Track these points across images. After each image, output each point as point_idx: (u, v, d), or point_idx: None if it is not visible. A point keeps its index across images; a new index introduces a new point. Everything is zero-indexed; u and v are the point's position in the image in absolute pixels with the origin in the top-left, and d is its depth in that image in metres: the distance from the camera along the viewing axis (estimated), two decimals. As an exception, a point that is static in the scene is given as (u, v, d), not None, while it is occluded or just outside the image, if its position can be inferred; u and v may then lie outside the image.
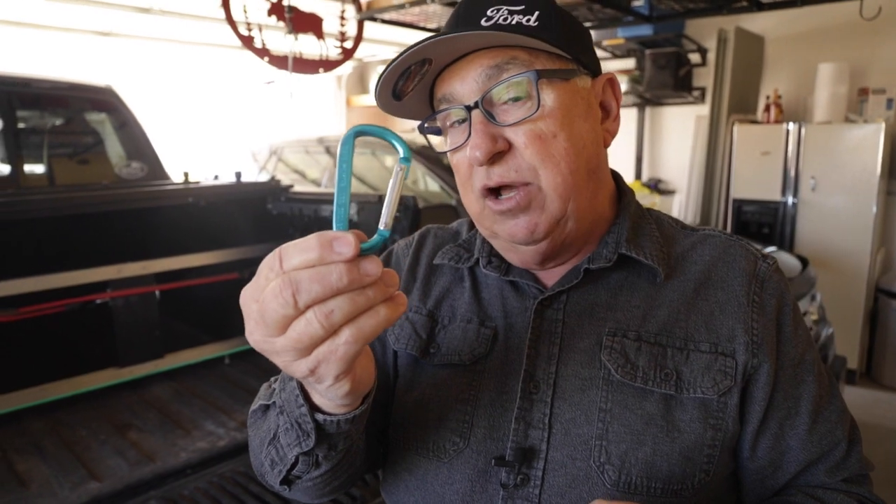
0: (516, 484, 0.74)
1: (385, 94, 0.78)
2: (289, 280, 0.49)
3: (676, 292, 0.79)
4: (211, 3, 3.79)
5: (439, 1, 3.55)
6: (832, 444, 0.79)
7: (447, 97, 0.77)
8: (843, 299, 4.28)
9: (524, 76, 0.72)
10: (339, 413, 0.63)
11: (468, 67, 0.74)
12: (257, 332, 0.52)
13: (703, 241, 0.84)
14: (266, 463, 0.74)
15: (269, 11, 3.65)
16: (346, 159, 0.54)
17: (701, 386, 0.73)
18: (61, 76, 3.53)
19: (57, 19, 5.10)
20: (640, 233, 0.83)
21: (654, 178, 5.83)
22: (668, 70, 5.19)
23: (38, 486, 1.81)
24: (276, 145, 5.13)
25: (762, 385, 0.76)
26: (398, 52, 0.73)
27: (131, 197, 2.69)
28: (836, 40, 4.71)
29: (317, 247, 0.49)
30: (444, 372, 0.82)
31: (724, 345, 0.76)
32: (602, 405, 0.74)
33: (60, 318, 2.39)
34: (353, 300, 0.50)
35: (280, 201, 3.01)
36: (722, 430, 0.74)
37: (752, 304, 0.78)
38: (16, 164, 3.25)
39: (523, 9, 0.74)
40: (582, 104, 0.77)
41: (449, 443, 0.79)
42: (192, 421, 2.22)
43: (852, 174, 4.25)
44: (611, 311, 0.79)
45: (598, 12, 3.93)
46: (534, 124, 0.73)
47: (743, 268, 0.80)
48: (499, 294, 0.85)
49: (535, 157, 0.73)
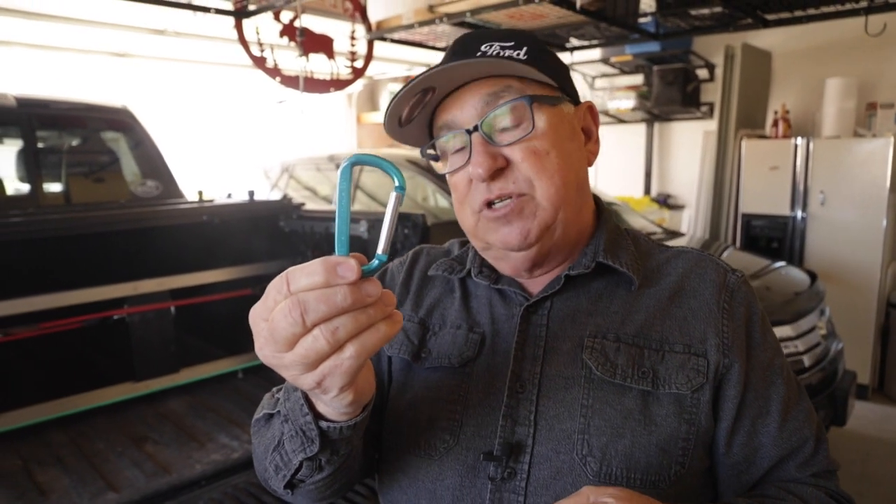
0: (503, 477, 0.78)
1: (392, 121, 0.85)
2: (297, 301, 0.54)
3: (652, 300, 0.85)
4: (224, 25, 3.87)
5: (448, 21, 3.62)
6: (801, 441, 0.84)
7: (448, 124, 0.84)
8: (853, 314, 4.26)
9: (520, 101, 0.80)
10: (341, 420, 0.68)
11: (466, 96, 0.82)
12: (267, 348, 0.57)
13: (676, 255, 0.91)
14: (270, 468, 0.78)
15: (280, 32, 3.72)
16: (345, 188, 0.59)
17: (675, 382, 0.79)
18: (79, 97, 3.62)
19: (74, 41, 5.22)
20: (616, 245, 0.89)
21: (664, 194, 5.85)
22: (676, 86, 5.23)
23: (57, 496, 1.85)
24: (287, 163, 5.20)
25: (734, 384, 0.81)
26: (405, 83, 0.80)
27: (148, 215, 2.75)
28: (843, 55, 4.73)
29: (322, 271, 0.54)
30: (435, 375, 0.88)
31: (696, 346, 0.81)
32: (584, 401, 0.79)
33: (79, 333, 2.44)
34: (356, 318, 0.55)
35: (292, 219, 3.06)
36: (695, 425, 0.79)
37: (722, 311, 0.83)
38: (35, 183, 3.33)
39: (513, 45, 0.83)
40: (568, 127, 0.85)
41: (440, 441, 0.83)
42: (206, 434, 2.26)
43: (862, 188, 4.26)
44: (591, 317, 0.85)
45: (605, 30, 3.99)
46: (529, 143, 0.80)
47: (713, 279, 0.86)
48: (487, 302, 0.91)
49: (531, 171, 0.80)
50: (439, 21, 3.64)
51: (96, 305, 2.47)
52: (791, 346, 2.83)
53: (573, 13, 3.49)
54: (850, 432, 3.71)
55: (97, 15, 4.59)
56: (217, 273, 2.82)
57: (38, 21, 4.55)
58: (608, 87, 5.96)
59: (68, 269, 2.50)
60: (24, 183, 3.35)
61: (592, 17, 3.59)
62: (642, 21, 3.94)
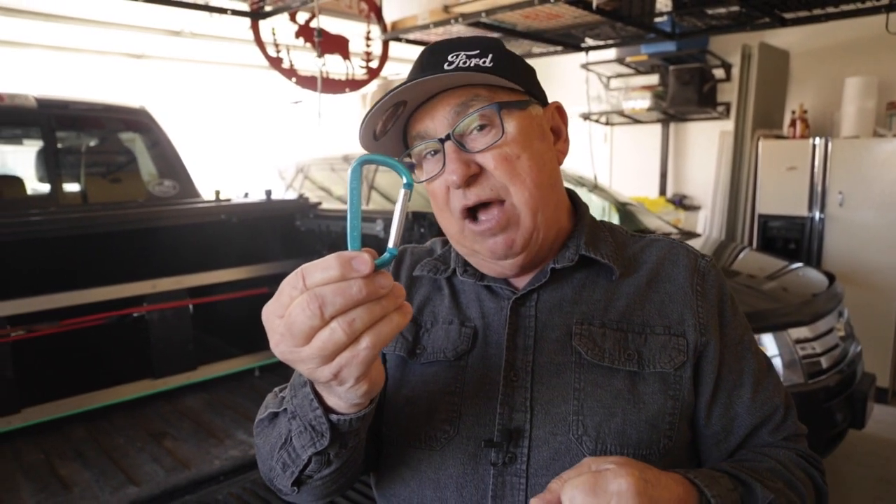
0: (505, 462, 0.81)
1: (367, 134, 0.88)
2: (314, 295, 0.56)
3: (631, 287, 0.90)
4: (240, 26, 3.90)
5: (463, 21, 3.62)
6: (772, 408, 0.91)
7: (421, 134, 0.87)
8: (873, 316, 4.22)
9: (489, 108, 0.83)
10: (351, 412, 0.69)
11: (437, 107, 0.85)
12: (283, 343, 0.59)
13: (650, 244, 0.96)
14: (277, 466, 0.80)
15: (297, 33, 3.74)
16: (356, 186, 0.61)
17: (660, 362, 0.85)
18: (97, 98, 3.66)
19: (93, 43, 5.28)
20: (596, 238, 0.94)
21: (679, 194, 5.82)
22: (692, 86, 5.20)
23: (80, 489, 1.88)
24: (302, 163, 5.22)
25: (710, 360, 0.88)
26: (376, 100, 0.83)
27: (167, 214, 2.78)
28: (863, 54, 4.68)
29: (337, 265, 0.56)
30: (431, 369, 0.90)
31: (675, 327, 0.87)
32: (576, 385, 0.84)
33: (99, 330, 2.47)
34: (370, 310, 0.57)
35: (308, 218, 3.08)
36: (679, 400, 0.85)
37: (695, 293, 0.89)
38: (55, 182, 3.37)
39: (479, 52, 0.85)
40: (537, 129, 0.88)
41: (440, 432, 0.85)
42: (224, 430, 2.28)
43: (881, 189, 4.21)
44: (576, 305, 0.89)
45: (620, 30, 3.97)
46: (500, 149, 0.83)
47: (686, 264, 0.92)
48: (475, 298, 0.94)
49: (504, 177, 0.83)
50: (454, 21, 3.64)
51: (116, 303, 2.51)
52: (808, 348, 2.80)
53: (589, 13, 3.48)
54: (868, 435, 3.66)
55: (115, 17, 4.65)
56: (234, 272, 2.84)
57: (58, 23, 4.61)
58: (623, 87, 5.94)
59: (89, 268, 2.53)
60: (43, 183, 3.39)
61: (608, 16, 3.57)
62: (658, 20, 3.91)
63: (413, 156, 0.89)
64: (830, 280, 3.34)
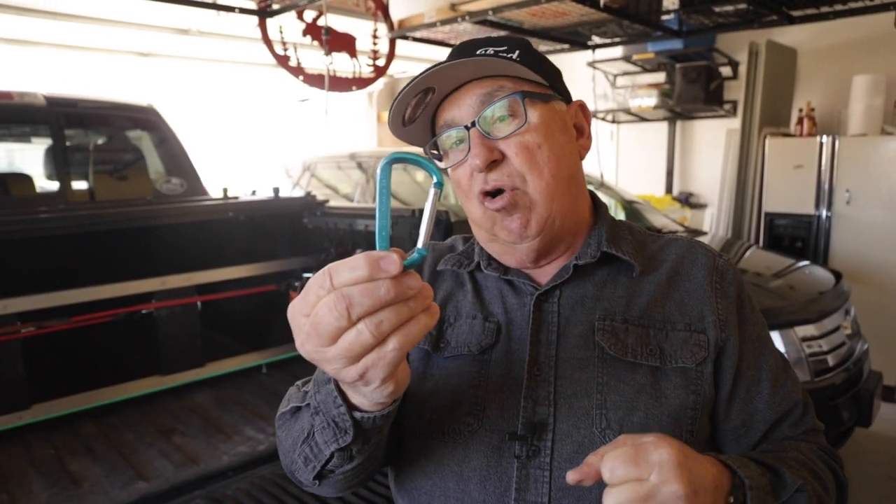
0: (529, 455, 0.82)
1: (396, 120, 0.91)
2: (342, 295, 0.55)
3: (652, 284, 0.92)
4: (247, 24, 3.92)
5: (469, 19, 3.63)
6: (791, 404, 0.93)
7: (448, 122, 0.90)
8: (880, 314, 4.20)
9: (512, 96, 0.86)
10: (374, 410, 0.69)
11: (464, 96, 0.88)
12: (309, 343, 0.58)
13: (668, 243, 0.98)
14: (299, 460, 0.80)
15: (304, 31, 3.75)
16: (385, 185, 0.60)
17: (681, 357, 0.86)
18: (105, 96, 3.68)
19: (101, 42, 5.31)
20: (617, 236, 0.96)
21: (686, 192, 5.81)
22: (699, 83, 5.19)
23: (90, 484, 1.89)
24: (309, 161, 5.23)
25: (729, 356, 0.89)
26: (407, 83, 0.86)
27: (175, 212, 2.80)
28: (870, 52, 4.66)
29: (365, 265, 0.56)
30: (455, 363, 0.91)
31: (695, 324, 0.89)
32: (599, 379, 0.85)
33: (108, 327, 2.49)
34: (398, 311, 0.56)
35: (316, 216, 3.08)
36: (701, 395, 0.86)
37: (714, 291, 0.91)
38: (64, 180, 3.39)
39: (506, 49, 0.89)
40: (559, 122, 0.91)
41: (463, 425, 0.86)
42: (232, 426, 2.30)
43: (889, 187, 4.19)
44: (598, 302, 0.91)
45: (627, 27, 3.97)
46: (521, 137, 0.86)
47: (704, 263, 0.94)
48: (498, 293, 0.95)
49: (523, 166, 0.85)
50: (461, 19, 3.64)
51: (125, 300, 2.52)
52: (815, 346, 2.80)
53: (596, 10, 3.48)
54: (875, 434, 3.66)
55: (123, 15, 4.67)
56: (242, 269, 2.85)
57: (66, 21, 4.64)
58: (630, 84, 5.93)
59: (98, 265, 2.55)
60: (52, 180, 3.42)
61: (615, 14, 3.57)
62: (665, 18, 3.90)
63: (439, 144, 0.92)
64: (837, 278, 3.33)
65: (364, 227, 2.84)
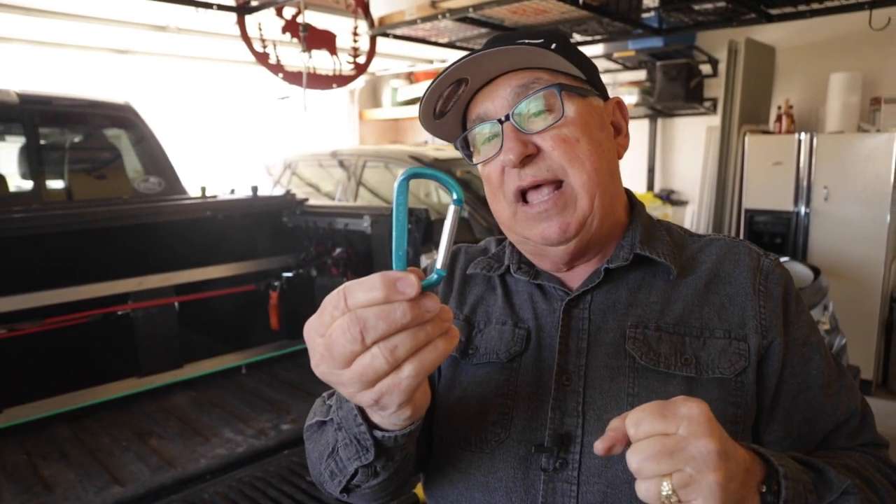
0: (556, 468, 0.79)
1: (428, 113, 0.86)
2: (356, 318, 0.53)
3: (689, 288, 0.86)
4: (226, 21, 3.87)
5: (450, 16, 3.61)
6: (847, 413, 0.86)
7: (481, 115, 0.85)
8: (857, 309, 4.26)
9: (549, 89, 0.82)
10: (395, 430, 0.67)
11: (498, 88, 0.84)
12: (323, 364, 0.56)
13: (709, 244, 0.92)
14: (325, 474, 0.79)
15: (283, 28, 3.71)
16: (402, 202, 0.57)
17: (719, 367, 0.80)
18: (81, 94, 3.62)
19: (76, 38, 5.21)
20: (652, 236, 0.90)
21: (667, 189, 5.84)
22: (679, 81, 5.21)
23: (63, 490, 1.86)
24: (290, 159, 5.19)
25: (773, 362, 0.83)
26: (437, 74, 0.81)
27: (152, 211, 2.76)
28: (847, 50, 4.72)
29: (381, 286, 0.53)
30: (484, 370, 0.88)
31: (736, 331, 0.83)
32: (630, 390, 0.80)
33: (83, 329, 2.45)
34: (415, 336, 0.54)
35: (295, 214, 3.06)
36: (742, 408, 0.80)
37: (758, 294, 0.85)
38: (38, 179, 3.33)
39: (542, 42, 0.83)
40: (597, 118, 0.86)
41: (491, 434, 0.83)
42: (210, 428, 2.27)
43: (865, 184, 4.25)
44: (631, 308, 0.86)
45: (607, 25, 3.97)
46: (559, 130, 0.81)
47: (747, 264, 0.87)
48: (528, 298, 0.91)
49: (562, 158, 0.81)
50: (442, 17, 3.63)
51: (100, 301, 2.48)
52: (795, 341, 2.83)
53: (576, 8, 3.48)
54: (853, 428, 3.70)
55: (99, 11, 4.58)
56: (220, 269, 2.82)
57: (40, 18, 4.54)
58: (611, 82, 5.94)
59: (73, 266, 2.51)
60: (26, 179, 3.35)
61: (595, 12, 3.57)
62: (645, 16, 3.92)
63: (469, 139, 0.88)
64: (816, 274, 3.36)
65: (344, 225, 2.82)
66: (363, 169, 4.41)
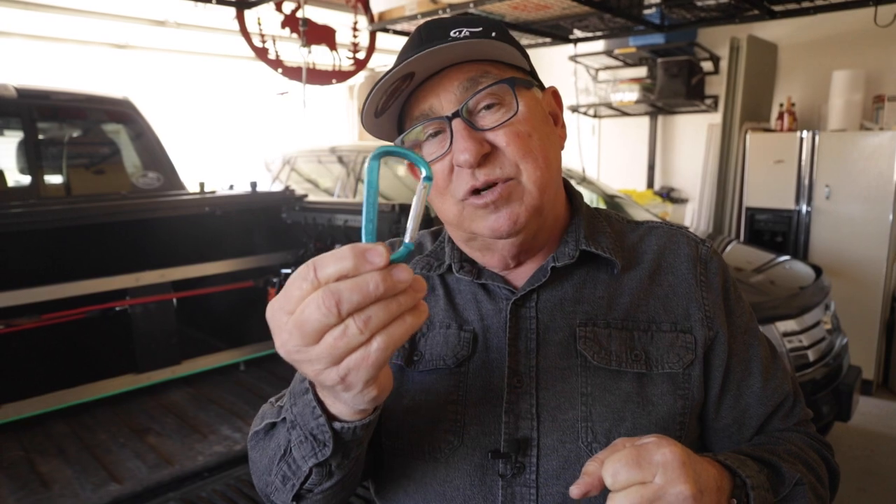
0: (514, 473, 0.78)
1: (370, 112, 0.82)
2: (330, 291, 0.52)
3: (634, 281, 0.87)
4: (225, 16, 3.85)
5: (451, 11, 3.59)
6: (782, 396, 0.90)
7: (425, 112, 0.81)
8: (858, 309, 4.24)
9: (502, 84, 0.79)
10: (354, 420, 0.65)
11: (444, 83, 0.80)
12: (291, 342, 0.54)
13: (648, 232, 0.92)
14: (276, 480, 0.76)
15: (282, 23, 3.70)
16: (373, 179, 0.58)
17: (668, 362, 0.82)
18: (79, 88, 3.60)
19: (75, 33, 5.20)
20: (595, 230, 0.90)
21: (667, 187, 5.82)
22: (681, 78, 5.19)
23: (60, 486, 1.84)
24: (289, 155, 5.18)
25: (719, 353, 0.85)
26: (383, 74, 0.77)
27: (150, 207, 2.74)
28: (850, 47, 4.69)
29: (351, 256, 0.52)
30: (431, 377, 0.85)
31: (682, 323, 0.84)
32: (583, 390, 0.80)
33: (81, 325, 2.43)
34: (387, 307, 0.53)
35: (294, 210, 3.04)
36: (689, 399, 0.82)
37: (700, 284, 0.86)
38: (36, 174, 3.31)
39: (481, 31, 0.80)
40: (541, 110, 0.85)
41: (444, 442, 0.82)
42: (208, 425, 2.25)
43: (868, 182, 4.23)
44: (578, 305, 0.85)
45: (609, 21, 3.95)
46: (512, 126, 0.79)
47: (687, 253, 0.89)
48: (472, 299, 0.89)
49: (516, 154, 0.79)
50: (442, 12, 3.60)
51: (98, 297, 2.46)
52: (796, 341, 2.81)
53: (578, 4, 3.46)
54: (854, 428, 3.69)
55: (98, 6, 4.57)
56: (219, 265, 2.81)
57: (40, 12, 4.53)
58: (612, 79, 5.92)
59: (70, 261, 2.49)
60: (24, 174, 3.33)
61: (597, 7, 3.55)
62: (647, 12, 3.89)
63: (408, 139, 0.84)
64: (817, 273, 3.35)
65: (343, 221, 2.80)
66: (362, 165, 4.40)
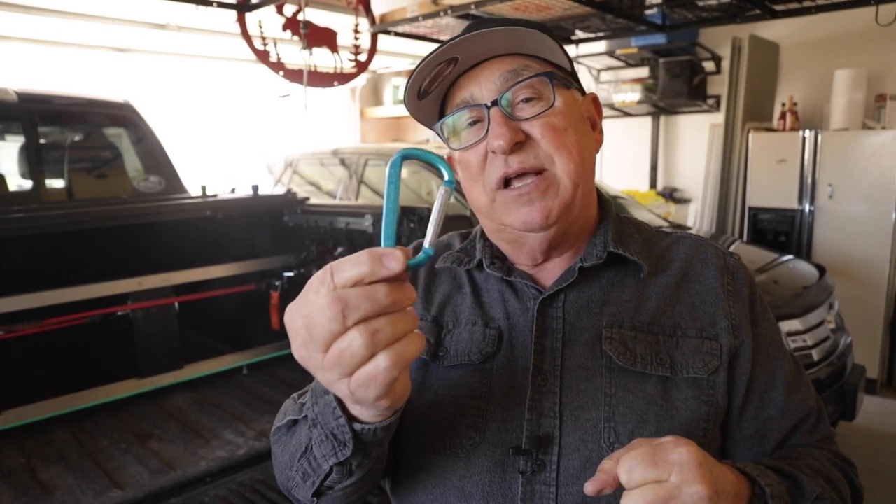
0: (534, 470, 0.78)
1: (412, 93, 0.84)
2: (337, 297, 0.52)
3: (661, 287, 0.87)
4: (226, 19, 3.84)
5: (452, 14, 3.58)
6: (806, 411, 0.90)
7: (466, 100, 0.84)
8: (862, 308, 4.23)
9: (541, 76, 0.82)
10: (374, 422, 0.65)
11: (485, 73, 0.83)
12: (304, 348, 0.55)
13: (677, 241, 0.93)
14: (297, 476, 0.76)
15: (284, 26, 3.69)
16: (394, 181, 0.58)
17: (693, 367, 0.82)
18: (80, 92, 3.60)
19: (75, 36, 5.19)
20: (624, 234, 0.91)
21: (670, 187, 5.81)
22: (682, 78, 5.18)
23: (62, 493, 1.83)
24: (291, 158, 5.17)
25: (743, 362, 0.85)
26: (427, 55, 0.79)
27: (151, 210, 2.74)
28: (852, 46, 4.68)
29: (368, 261, 0.53)
30: (455, 373, 0.86)
31: (707, 330, 0.84)
32: (607, 390, 0.80)
33: (82, 330, 2.43)
34: (394, 321, 0.53)
35: (296, 213, 3.04)
36: (714, 406, 0.82)
37: (727, 293, 0.87)
38: (37, 178, 3.31)
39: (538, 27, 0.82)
40: (578, 111, 0.87)
41: (465, 438, 0.82)
42: (211, 430, 2.25)
43: (870, 181, 4.21)
44: (605, 307, 0.86)
45: (610, 22, 3.94)
46: (548, 118, 0.81)
47: (715, 263, 0.89)
48: (499, 297, 0.90)
49: (550, 146, 0.80)
50: (443, 14, 3.60)
51: (100, 301, 2.46)
52: (800, 341, 2.80)
53: (579, 5, 3.45)
54: (859, 427, 3.68)
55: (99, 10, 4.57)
56: (221, 268, 2.80)
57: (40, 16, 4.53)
58: (613, 80, 5.91)
59: (72, 266, 2.48)
60: (25, 179, 3.33)
61: (598, 8, 3.54)
62: (648, 13, 3.89)
63: (447, 125, 0.86)
64: (821, 272, 3.34)
65: (345, 224, 2.80)
66: (364, 167, 4.39)
